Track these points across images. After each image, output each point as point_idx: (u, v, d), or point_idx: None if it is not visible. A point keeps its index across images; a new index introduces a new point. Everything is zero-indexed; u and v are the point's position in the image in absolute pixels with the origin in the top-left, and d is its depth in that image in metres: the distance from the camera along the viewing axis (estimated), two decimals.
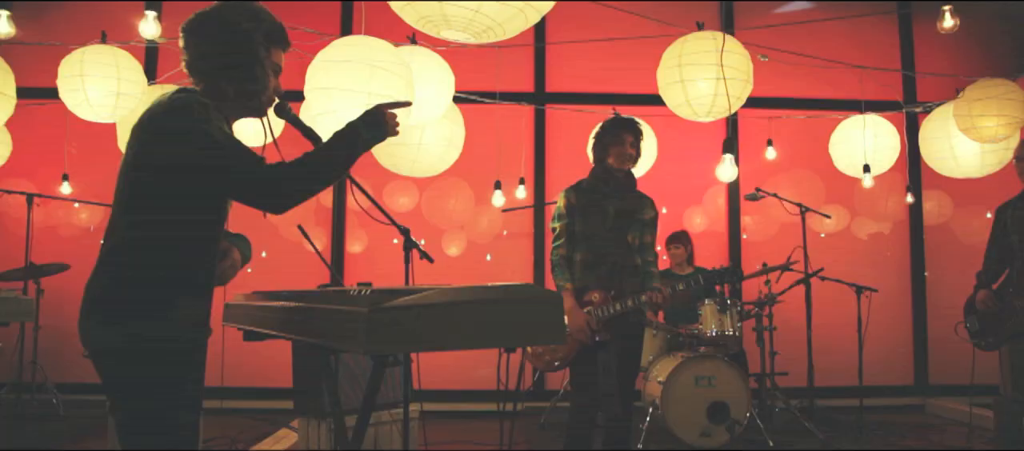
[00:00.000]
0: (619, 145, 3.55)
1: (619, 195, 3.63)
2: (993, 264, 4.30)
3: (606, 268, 3.56)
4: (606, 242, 3.59)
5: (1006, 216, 4.20)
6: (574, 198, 3.67)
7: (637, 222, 3.63)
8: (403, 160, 4.85)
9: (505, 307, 1.80)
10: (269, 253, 6.70)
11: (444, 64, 4.34)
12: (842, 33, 6.90)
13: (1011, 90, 4.92)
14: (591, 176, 3.71)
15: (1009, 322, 3.98)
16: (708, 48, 3.74)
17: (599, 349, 3.53)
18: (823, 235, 7.01)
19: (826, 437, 5.04)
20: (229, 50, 2.01)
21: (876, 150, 5.37)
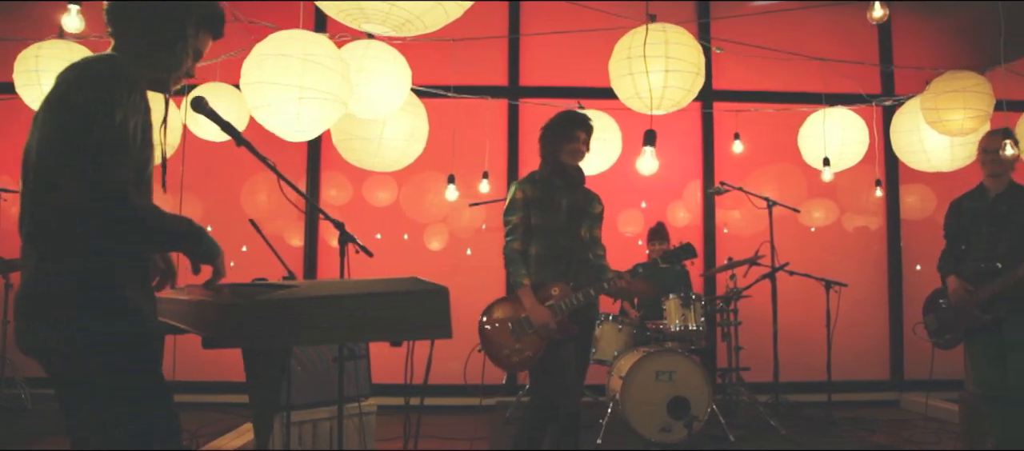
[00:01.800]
0: (573, 142, 3.53)
1: (571, 190, 3.61)
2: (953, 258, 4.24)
3: (563, 262, 3.53)
4: (562, 236, 3.56)
5: (963, 208, 4.14)
6: (529, 191, 3.62)
7: (588, 216, 3.62)
8: (365, 155, 4.85)
9: (383, 301, 1.79)
10: (249, 247, 6.72)
11: (400, 58, 4.33)
12: (820, 26, 6.85)
13: (978, 83, 4.86)
14: (543, 169, 3.67)
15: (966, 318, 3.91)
16: (657, 41, 3.70)
17: (562, 345, 3.50)
18: (813, 229, 6.98)
19: (790, 433, 5.01)
20: (158, 13, 1.97)
21: (843, 144, 5.33)
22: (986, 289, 3.78)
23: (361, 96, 4.20)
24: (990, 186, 3.95)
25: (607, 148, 4.97)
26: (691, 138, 6.90)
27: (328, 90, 3.24)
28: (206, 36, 2.13)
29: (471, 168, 6.39)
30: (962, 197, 4.14)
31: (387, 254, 6.76)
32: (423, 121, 4.95)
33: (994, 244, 3.83)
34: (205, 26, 2.09)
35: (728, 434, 4.75)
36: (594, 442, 4.69)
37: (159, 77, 2.07)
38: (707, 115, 6.74)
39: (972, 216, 4.01)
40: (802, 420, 5.57)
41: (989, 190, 3.95)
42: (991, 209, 3.89)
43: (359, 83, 4.17)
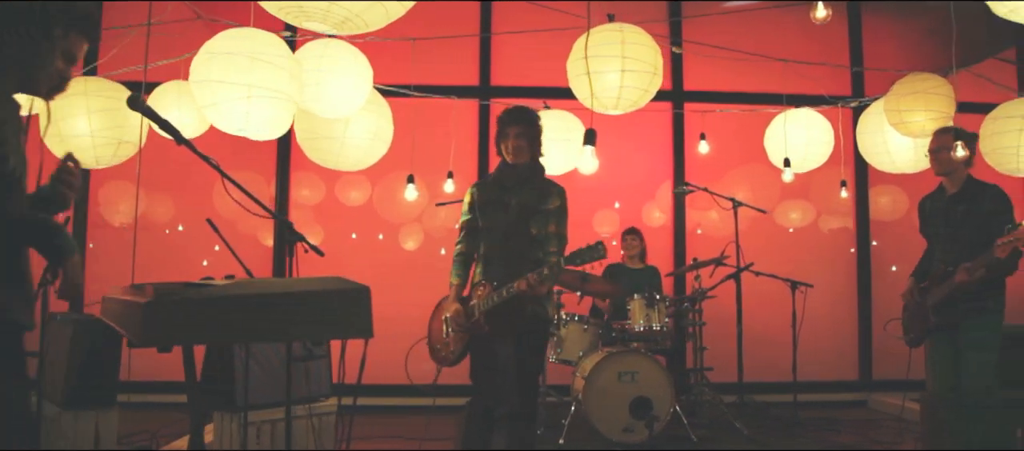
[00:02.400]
0: (506, 139, 3.51)
1: (521, 188, 3.58)
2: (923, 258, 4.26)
3: (504, 263, 3.53)
4: (507, 237, 3.55)
5: (925, 209, 4.16)
6: (477, 194, 3.65)
7: (540, 213, 3.56)
8: (328, 154, 4.84)
9: (302, 300, 1.78)
10: (222, 247, 6.68)
11: (361, 57, 4.32)
12: (791, 28, 6.88)
13: (939, 85, 4.89)
14: (495, 171, 3.69)
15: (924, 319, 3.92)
16: (613, 40, 3.70)
17: (496, 343, 3.52)
18: (791, 230, 7.01)
19: (753, 433, 5.02)
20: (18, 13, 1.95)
21: (808, 144, 5.34)
22: (933, 294, 3.80)
23: (321, 95, 4.20)
24: (948, 185, 3.95)
25: (571, 148, 4.96)
26: (663, 139, 6.90)
27: (278, 88, 3.22)
28: (78, 38, 2.10)
29: (443, 168, 6.38)
30: (925, 197, 4.15)
31: (362, 254, 6.75)
32: (387, 121, 4.94)
33: (950, 245, 3.83)
34: (74, 28, 2.06)
35: (691, 434, 4.76)
36: (556, 442, 4.69)
37: (27, 79, 2.04)
38: (678, 116, 6.75)
39: (932, 216, 4.02)
40: (768, 420, 5.59)
41: (946, 189, 3.96)
42: (947, 209, 3.89)
43: (319, 82, 4.16)
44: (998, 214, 3.67)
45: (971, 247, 3.64)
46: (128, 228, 6.69)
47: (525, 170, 3.59)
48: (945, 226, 3.88)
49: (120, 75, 5.20)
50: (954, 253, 3.76)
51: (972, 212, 3.77)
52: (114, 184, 6.71)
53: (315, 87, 4.16)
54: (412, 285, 6.42)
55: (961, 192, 3.84)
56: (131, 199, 6.78)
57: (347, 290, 1.81)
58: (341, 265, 6.69)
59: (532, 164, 3.61)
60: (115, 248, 6.57)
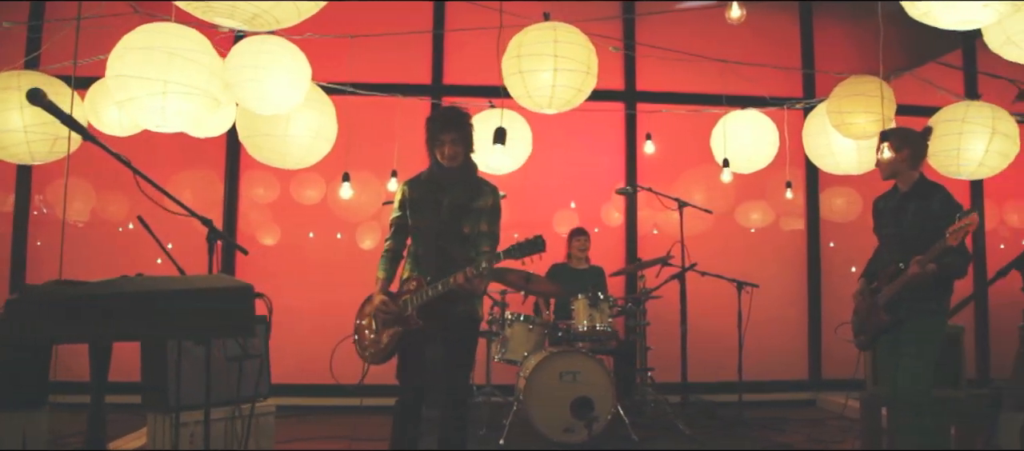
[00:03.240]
0: (440, 145, 3.51)
1: (454, 187, 3.57)
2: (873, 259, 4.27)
3: (433, 260, 3.52)
4: (438, 235, 3.54)
5: (878, 209, 4.19)
6: (409, 192, 3.65)
7: (473, 212, 3.56)
8: (270, 151, 4.80)
9: (173, 299, 1.75)
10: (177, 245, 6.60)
11: (298, 53, 4.28)
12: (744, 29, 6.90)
13: (878, 87, 4.94)
14: (428, 169, 3.67)
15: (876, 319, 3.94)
16: (546, 39, 3.70)
17: (425, 341, 3.51)
18: (753, 230, 7.05)
19: (695, 432, 5.04)
20: None
21: (753, 145, 5.37)
22: (885, 292, 3.82)
23: (257, 92, 4.15)
24: (900, 185, 3.99)
25: (517, 147, 4.96)
26: (619, 139, 6.91)
27: (195, 84, 3.17)
28: None
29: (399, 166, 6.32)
30: (879, 197, 4.19)
31: (321, 253, 6.69)
32: (331, 118, 4.91)
33: (901, 244, 3.86)
34: None
35: (631, 434, 4.76)
36: (497, 443, 4.67)
37: None
38: (630, 116, 6.77)
39: (884, 216, 4.05)
40: (713, 420, 5.61)
41: (899, 189, 4.00)
42: (898, 208, 3.93)
43: (256, 79, 4.12)
44: (947, 216, 3.72)
45: (921, 246, 3.67)
46: (80, 225, 6.60)
47: (459, 170, 3.58)
48: (896, 225, 3.92)
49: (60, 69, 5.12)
50: (904, 252, 3.78)
51: (922, 211, 3.81)
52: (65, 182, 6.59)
53: (252, 84, 4.12)
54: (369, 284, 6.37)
55: (912, 191, 3.88)
56: (84, 196, 6.69)
57: (226, 288, 1.78)
58: (296, 264, 6.63)
59: (465, 164, 3.61)
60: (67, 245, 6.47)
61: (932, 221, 3.73)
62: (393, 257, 3.68)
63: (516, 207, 6.77)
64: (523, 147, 5.02)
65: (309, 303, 6.44)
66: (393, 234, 3.68)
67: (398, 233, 3.67)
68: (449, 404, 3.53)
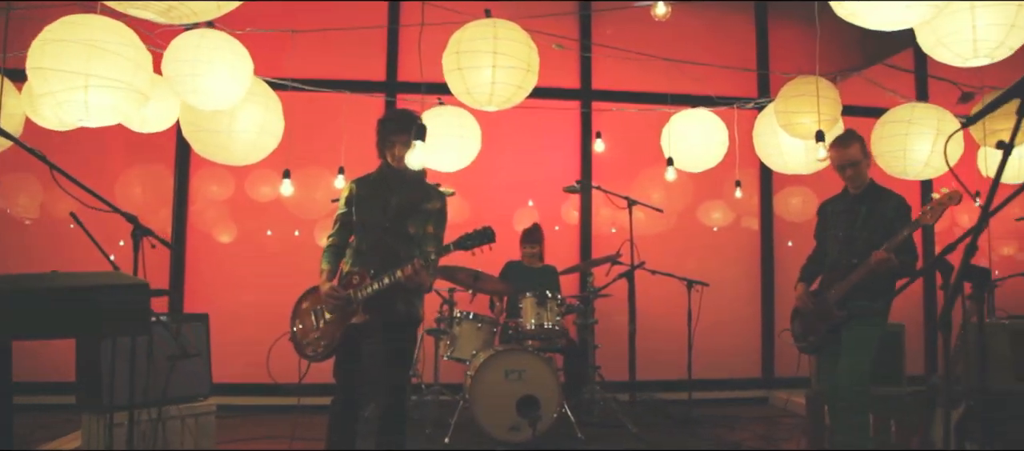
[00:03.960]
0: (389, 147, 3.53)
1: (404, 188, 3.57)
2: (812, 262, 4.30)
3: (376, 258, 3.50)
4: (384, 233, 3.53)
5: (826, 212, 4.22)
6: (357, 189, 3.65)
7: (421, 213, 3.58)
8: (213, 147, 4.74)
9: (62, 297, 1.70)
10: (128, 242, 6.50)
11: (239, 48, 4.22)
12: (701, 29, 6.96)
13: (825, 88, 4.98)
14: (378, 169, 3.68)
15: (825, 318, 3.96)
16: (485, 36, 3.68)
17: (364, 338, 3.49)
18: (715, 229, 7.08)
19: (642, 431, 5.05)
20: None
21: (702, 145, 5.39)
22: (840, 287, 3.85)
23: (197, 87, 4.09)
24: (851, 189, 4.03)
25: (465, 145, 4.93)
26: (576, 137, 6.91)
27: (119, 78, 3.10)
28: None
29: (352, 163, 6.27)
30: (827, 201, 4.23)
31: (279, 250, 6.61)
32: (277, 115, 4.84)
33: (851, 245, 3.90)
34: None
35: (577, 432, 4.76)
36: (442, 442, 4.65)
37: None
38: (586, 114, 6.77)
39: (834, 219, 4.09)
40: (662, 418, 5.62)
41: (850, 192, 4.04)
42: (849, 211, 3.97)
43: (193, 73, 4.06)
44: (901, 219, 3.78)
45: (871, 247, 3.71)
46: (30, 220, 6.47)
47: (408, 172, 3.58)
48: (847, 228, 3.96)
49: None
50: (855, 252, 3.83)
51: (875, 214, 3.85)
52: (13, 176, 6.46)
53: (190, 78, 4.06)
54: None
55: (864, 195, 3.93)
56: (32, 191, 6.56)
57: (118, 286, 1.74)
58: (247, 261, 6.55)
59: None
60: (16, 241, 6.36)
61: (885, 224, 3.78)
62: (337, 252, 3.68)
63: (475, 205, 6.76)
64: (471, 145, 4.99)
65: (257, 300, 6.36)
66: (338, 230, 3.69)
67: (342, 229, 3.68)
68: (387, 403, 3.52)
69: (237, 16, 6.05)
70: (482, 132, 5.10)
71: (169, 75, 4.10)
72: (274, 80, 5.49)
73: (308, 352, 3.62)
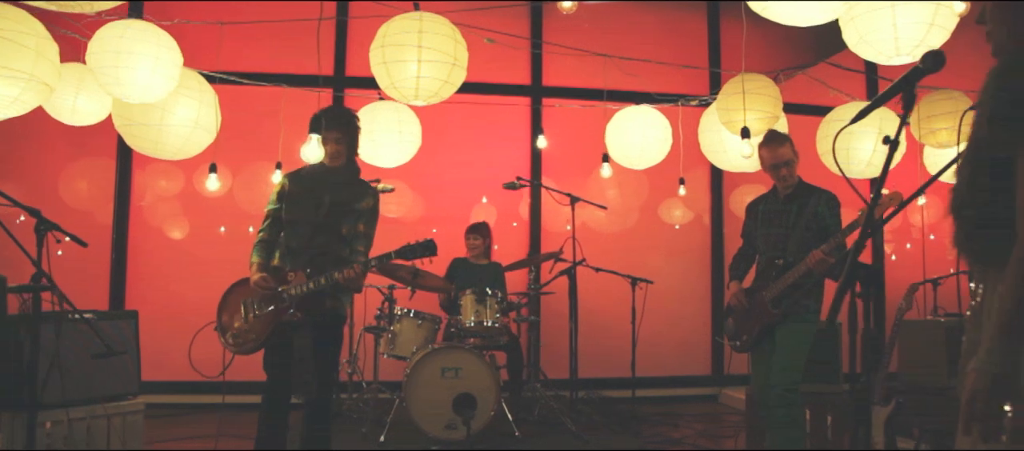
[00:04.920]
0: (322, 143, 3.47)
1: (337, 186, 3.52)
2: (742, 259, 4.29)
3: (308, 256, 3.45)
4: (316, 232, 3.47)
5: (757, 211, 4.20)
6: (289, 185, 3.60)
7: (353, 213, 3.53)
8: (145, 141, 4.65)
9: None
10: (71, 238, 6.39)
11: (166, 39, 4.14)
12: (653, 27, 6.95)
13: (766, 86, 4.98)
14: (312, 165, 3.63)
15: (760, 317, 3.94)
16: (411, 30, 3.62)
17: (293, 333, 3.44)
18: (677, 227, 7.07)
19: (581, 428, 5.02)
20: None
21: (645, 141, 5.37)
22: (775, 285, 3.83)
23: (120, 79, 4.01)
24: (780, 187, 4.01)
25: (404, 141, 4.88)
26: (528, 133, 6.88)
27: (20, 69, 3.02)
28: None
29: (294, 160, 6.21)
30: (756, 199, 4.20)
31: (227, 246, 6.51)
32: (212, 109, 4.76)
33: (783, 243, 3.88)
34: None
35: (514, 430, 4.73)
36: (377, 440, 4.60)
37: None
38: (536, 111, 6.74)
39: (764, 218, 4.07)
40: (607, 416, 5.59)
41: (779, 191, 4.02)
42: (782, 210, 3.95)
43: (116, 65, 3.98)
44: (832, 214, 3.77)
45: (806, 246, 3.69)
46: None
47: (342, 170, 3.54)
48: (779, 226, 3.94)
49: None
50: (786, 251, 3.81)
51: (805, 212, 3.84)
52: None
53: (113, 70, 3.98)
54: None
55: (794, 193, 3.92)
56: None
57: None
58: (197, 257, 6.45)
59: (349, 164, 3.57)
60: None
61: (818, 221, 3.77)
62: (267, 247, 3.60)
63: (430, 202, 6.71)
64: (411, 140, 4.94)
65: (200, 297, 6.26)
66: (268, 225, 3.62)
67: (273, 225, 3.61)
68: (313, 399, 3.47)
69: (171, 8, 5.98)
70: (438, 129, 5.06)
71: (93, 66, 4.02)
72: (214, 74, 5.42)
73: (234, 344, 3.55)
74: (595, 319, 6.36)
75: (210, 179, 5.51)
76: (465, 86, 6.50)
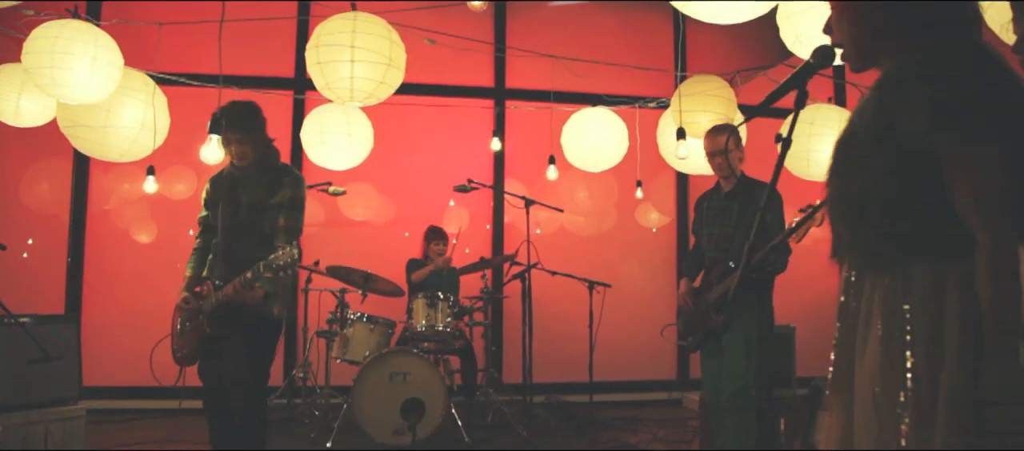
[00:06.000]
0: (227, 145, 3.41)
1: (252, 184, 3.43)
2: (693, 257, 4.24)
3: (230, 262, 3.38)
4: (237, 234, 3.41)
5: (702, 208, 4.15)
6: (210, 190, 3.54)
7: (271, 208, 3.43)
8: (90, 143, 4.62)
9: None
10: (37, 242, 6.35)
11: (105, 39, 4.09)
12: (617, 29, 6.92)
13: (720, 87, 4.95)
14: (229, 166, 3.55)
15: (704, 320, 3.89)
16: (344, 30, 3.57)
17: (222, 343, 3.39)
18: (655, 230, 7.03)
19: (534, 433, 4.97)
20: None
21: (600, 144, 5.33)
22: (714, 291, 3.78)
23: (56, 79, 3.96)
24: (723, 183, 3.97)
25: (354, 143, 4.83)
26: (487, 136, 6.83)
27: None
28: None
29: None
30: (702, 196, 4.16)
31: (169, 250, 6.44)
32: (162, 111, 4.71)
33: (727, 243, 3.84)
34: None
35: (464, 435, 4.67)
36: (324, 445, 4.54)
37: None
38: (499, 113, 6.69)
39: (708, 216, 4.02)
40: (562, 421, 5.52)
41: (722, 186, 3.98)
42: (724, 208, 3.91)
43: (52, 65, 3.93)
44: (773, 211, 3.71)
45: (743, 244, 3.64)
46: None
47: (255, 166, 3.46)
48: (721, 225, 3.89)
49: None
50: (730, 251, 3.76)
51: (746, 210, 3.78)
52: None
53: (49, 70, 3.93)
54: None
55: (735, 190, 3.87)
56: None
57: None
58: (158, 261, 6.37)
59: (261, 159, 3.47)
60: None
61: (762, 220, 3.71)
62: (201, 256, 3.58)
63: (401, 206, 6.66)
64: (361, 142, 4.89)
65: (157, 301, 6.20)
66: (201, 233, 3.61)
67: (206, 232, 3.60)
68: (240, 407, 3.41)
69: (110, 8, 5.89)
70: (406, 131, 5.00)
71: (29, 67, 3.96)
72: (167, 75, 5.37)
73: (176, 357, 3.55)
74: (557, 323, 6.31)
75: (147, 182, 5.43)
76: (431, 88, 6.57)
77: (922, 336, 1.45)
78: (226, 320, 3.35)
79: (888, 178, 1.50)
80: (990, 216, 1.39)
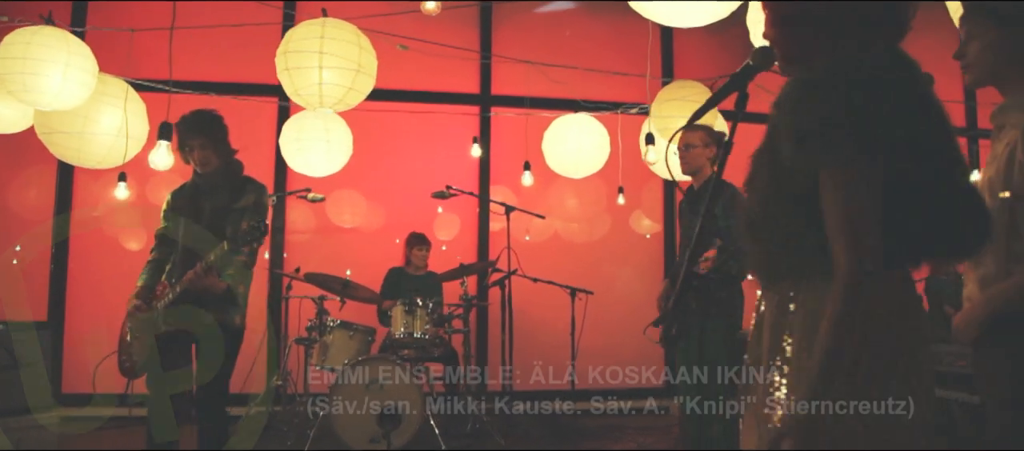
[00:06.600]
0: (189, 151, 3.43)
1: (215, 192, 3.45)
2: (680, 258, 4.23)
3: (182, 268, 3.38)
4: (199, 238, 3.39)
5: (682, 208, 4.15)
6: (172, 202, 3.55)
7: (234, 214, 3.43)
8: (67, 149, 4.61)
9: None
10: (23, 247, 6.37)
11: (78, 46, 4.09)
12: (602, 35, 6.90)
13: (698, 92, 4.92)
14: (191, 177, 3.55)
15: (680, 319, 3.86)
16: (313, 35, 3.56)
17: (180, 350, 3.37)
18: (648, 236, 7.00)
19: (514, 441, 4.93)
20: None
21: (580, 150, 5.31)
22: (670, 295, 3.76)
23: (28, 86, 3.96)
24: (695, 184, 3.96)
25: (333, 149, 4.81)
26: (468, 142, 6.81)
27: None
28: None
29: None
30: (683, 197, 4.15)
31: None
32: (140, 118, 4.71)
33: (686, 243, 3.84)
34: None
35: (441, 444, 4.63)
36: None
37: None
38: (485, 119, 6.67)
39: (683, 214, 4.03)
40: (544, 429, 5.47)
41: (693, 187, 3.97)
42: (692, 210, 3.90)
43: (24, 72, 3.93)
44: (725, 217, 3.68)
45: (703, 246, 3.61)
46: None
47: (219, 174, 3.46)
48: (689, 226, 3.89)
49: None
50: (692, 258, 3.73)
51: (708, 211, 3.76)
52: None
53: (20, 77, 3.93)
54: None
55: (702, 189, 3.86)
56: None
57: None
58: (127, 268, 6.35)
59: (224, 166, 3.48)
60: None
61: (713, 221, 3.69)
62: (156, 268, 3.57)
63: (391, 213, 6.63)
64: (340, 149, 4.87)
65: None
66: (157, 246, 3.60)
67: (162, 245, 3.59)
68: (203, 415, 3.40)
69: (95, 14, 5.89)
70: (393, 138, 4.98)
71: (0, 74, 3.96)
72: (151, 82, 5.37)
73: (123, 369, 3.53)
74: (542, 331, 6.28)
75: (119, 188, 5.43)
76: (418, 95, 6.55)
77: (793, 354, 1.44)
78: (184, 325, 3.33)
79: (777, 195, 1.48)
80: (840, 242, 1.35)
